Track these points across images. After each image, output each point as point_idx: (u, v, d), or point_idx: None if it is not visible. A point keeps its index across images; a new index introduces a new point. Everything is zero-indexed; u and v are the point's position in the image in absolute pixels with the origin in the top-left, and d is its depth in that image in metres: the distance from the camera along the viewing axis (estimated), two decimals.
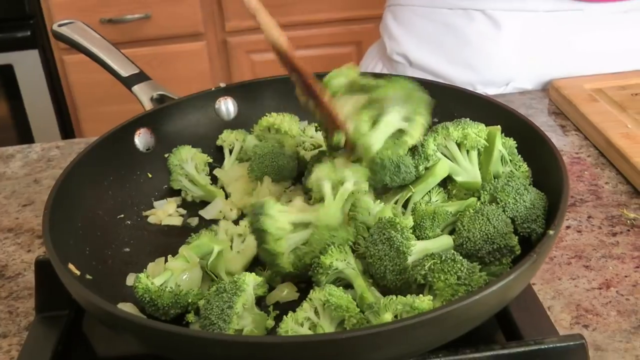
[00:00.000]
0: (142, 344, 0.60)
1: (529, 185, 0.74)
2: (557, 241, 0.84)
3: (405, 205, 0.77)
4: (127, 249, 0.79)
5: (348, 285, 0.68)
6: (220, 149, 0.93)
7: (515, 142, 0.80)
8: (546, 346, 0.57)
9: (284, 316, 0.63)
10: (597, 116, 1.03)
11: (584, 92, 1.11)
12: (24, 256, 0.90)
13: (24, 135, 2.51)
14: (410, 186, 0.77)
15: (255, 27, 0.69)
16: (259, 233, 0.67)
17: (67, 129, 2.56)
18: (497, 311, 0.56)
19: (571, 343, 0.57)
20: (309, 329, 0.62)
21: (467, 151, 0.79)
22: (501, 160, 0.79)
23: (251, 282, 0.64)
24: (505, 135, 0.80)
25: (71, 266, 0.63)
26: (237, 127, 0.91)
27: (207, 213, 0.85)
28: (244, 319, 0.62)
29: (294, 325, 0.62)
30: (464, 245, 0.69)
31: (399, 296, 0.60)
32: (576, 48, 1.22)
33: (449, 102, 0.85)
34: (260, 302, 0.69)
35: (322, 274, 0.67)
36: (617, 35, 1.23)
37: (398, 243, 0.65)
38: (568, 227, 0.87)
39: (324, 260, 0.67)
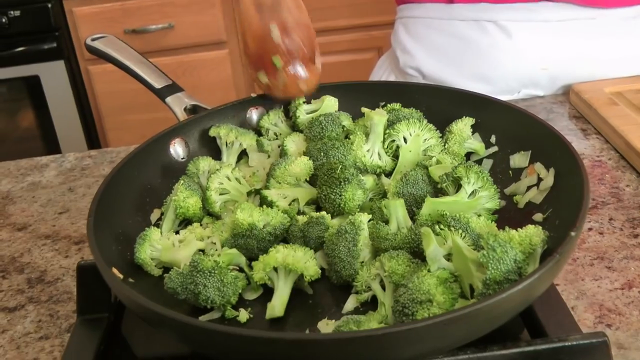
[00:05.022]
0: (186, 343, 0.63)
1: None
2: (580, 243, 0.86)
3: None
4: None
5: None
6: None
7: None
8: (570, 343, 0.59)
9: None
10: (617, 119, 1.05)
11: (604, 95, 1.13)
12: (62, 262, 0.93)
13: (51, 144, 2.57)
14: None
15: None
16: None
17: (93, 137, 2.61)
18: (522, 309, 0.58)
19: (594, 340, 0.59)
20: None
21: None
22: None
23: (366, 220, 0.72)
24: (525, 140, 0.82)
25: (115, 270, 0.66)
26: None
27: None
28: (364, 253, 0.71)
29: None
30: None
31: None
32: (589, 55, 1.22)
33: (469, 110, 0.88)
34: None
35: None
36: (629, 41, 1.23)
37: None
38: (590, 229, 0.88)
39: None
